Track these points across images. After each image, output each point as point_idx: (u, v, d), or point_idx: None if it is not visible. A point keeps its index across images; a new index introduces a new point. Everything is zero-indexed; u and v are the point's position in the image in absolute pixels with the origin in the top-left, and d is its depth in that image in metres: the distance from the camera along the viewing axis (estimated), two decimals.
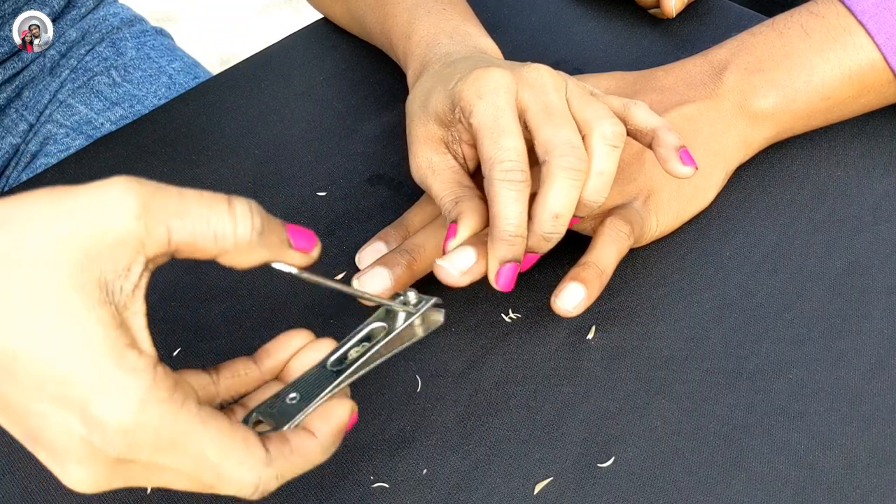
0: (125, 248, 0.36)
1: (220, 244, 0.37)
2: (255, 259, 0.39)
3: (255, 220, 0.38)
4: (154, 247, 0.36)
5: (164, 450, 0.36)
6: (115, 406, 0.35)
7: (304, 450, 0.40)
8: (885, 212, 0.59)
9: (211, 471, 0.37)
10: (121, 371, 0.35)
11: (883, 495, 0.47)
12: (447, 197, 0.52)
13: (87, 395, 0.35)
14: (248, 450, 0.38)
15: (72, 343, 0.35)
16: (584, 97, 0.51)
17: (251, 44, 2.06)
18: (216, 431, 0.37)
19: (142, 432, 0.36)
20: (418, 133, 0.54)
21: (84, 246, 0.35)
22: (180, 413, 0.36)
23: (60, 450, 0.36)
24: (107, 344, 0.35)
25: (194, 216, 0.37)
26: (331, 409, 0.42)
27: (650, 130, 0.52)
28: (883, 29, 0.59)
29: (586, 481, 0.49)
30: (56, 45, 0.86)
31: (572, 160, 0.48)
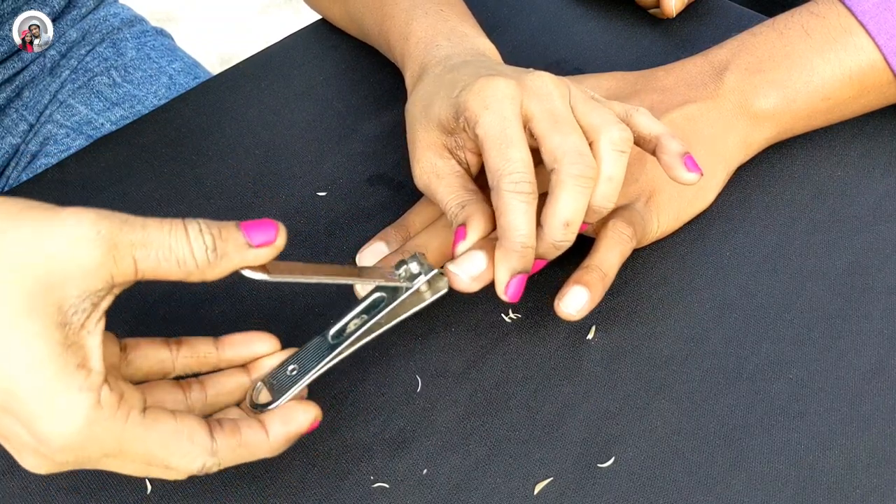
0: (92, 279, 0.38)
1: (184, 268, 0.40)
2: (218, 271, 0.41)
3: (205, 239, 0.40)
4: (122, 277, 0.39)
5: (111, 455, 0.40)
6: (59, 425, 0.38)
7: (252, 445, 0.43)
8: (885, 212, 0.59)
9: (159, 464, 0.41)
10: (68, 391, 0.38)
11: (883, 495, 0.47)
12: (453, 201, 0.52)
13: (34, 413, 0.38)
14: (192, 443, 0.41)
15: (22, 362, 0.37)
16: (589, 103, 0.51)
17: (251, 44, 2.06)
18: (161, 433, 0.40)
19: (88, 446, 0.39)
20: (421, 139, 0.54)
21: (51, 273, 0.38)
22: (126, 425, 0.39)
23: (15, 445, 0.40)
24: (56, 365, 0.38)
25: (157, 245, 0.39)
26: (293, 412, 0.44)
27: (653, 137, 0.52)
28: (883, 29, 0.59)
29: (586, 481, 0.49)
30: (56, 46, 0.86)
31: (582, 168, 0.48)
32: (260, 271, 0.42)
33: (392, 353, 0.54)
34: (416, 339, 0.55)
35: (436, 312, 0.56)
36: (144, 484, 0.49)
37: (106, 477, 0.50)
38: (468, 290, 0.50)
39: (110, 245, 0.38)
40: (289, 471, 0.50)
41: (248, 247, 0.41)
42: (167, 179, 0.65)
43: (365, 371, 0.54)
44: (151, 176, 0.65)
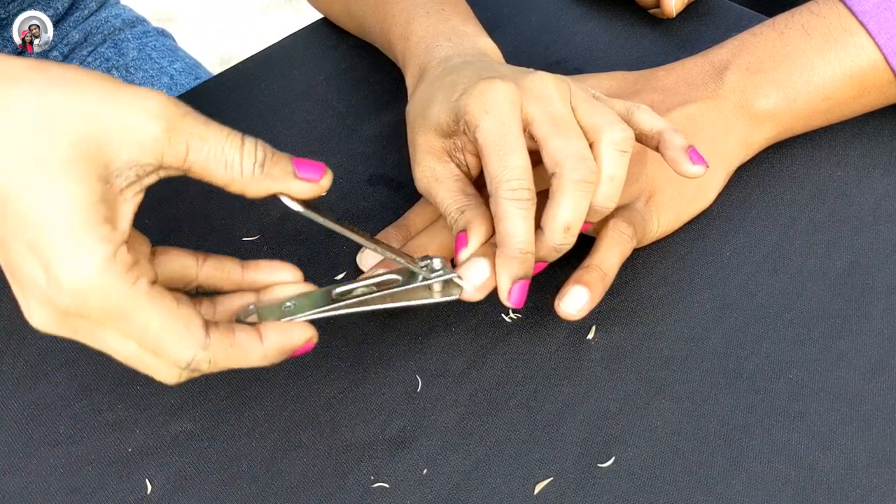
0: (145, 151, 0.40)
1: (230, 173, 0.42)
2: (260, 188, 0.43)
3: (258, 154, 0.42)
4: (171, 158, 0.41)
5: (110, 316, 0.41)
6: (72, 268, 0.39)
7: (245, 347, 0.44)
8: (885, 212, 0.59)
9: (152, 341, 0.42)
10: (88, 237, 0.39)
11: (883, 495, 0.47)
12: (452, 206, 0.52)
13: (53, 250, 0.39)
14: (188, 329, 0.42)
15: (57, 202, 0.39)
16: (590, 103, 0.51)
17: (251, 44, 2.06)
18: (161, 308, 0.41)
19: (92, 297, 0.40)
20: (420, 143, 0.54)
21: (107, 135, 0.39)
22: (131, 288, 0.40)
23: (27, 288, 0.41)
24: (85, 212, 0.39)
25: (212, 143, 0.41)
26: (291, 327, 0.45)
27: (656, 133, 0.52)
28: (884, 29, 0.59)
29: (586, 481, 0.49)
30: (59, 47, 0.86)
31: (583, 172, 0.48)
32: (297, 202, 0.44)
33: (392, 353, 0.54)
34: (416, 339, 0.55)
35: (436, 312, 0.56)
36: (144, 483, 0.49)
37: (106, 477, 0.50)
38: (473, 299, 0.50)
39: (170, 125, 0.40)
40: (289, 471, 0.50)
41: (294, 176, 0.43)
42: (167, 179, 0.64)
43: (365, 371, 0.54)
44: None
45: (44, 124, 0.39)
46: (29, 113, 0.39)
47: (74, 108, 0.39)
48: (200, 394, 0.53)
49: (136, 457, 0.50)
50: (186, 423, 0.52)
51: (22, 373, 0.54)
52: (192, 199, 0.63)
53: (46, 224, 0.39)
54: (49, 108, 0.39)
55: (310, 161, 0.44)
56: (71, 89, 0.40)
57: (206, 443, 0.51)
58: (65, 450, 0.51)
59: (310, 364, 0.53)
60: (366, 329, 0.56)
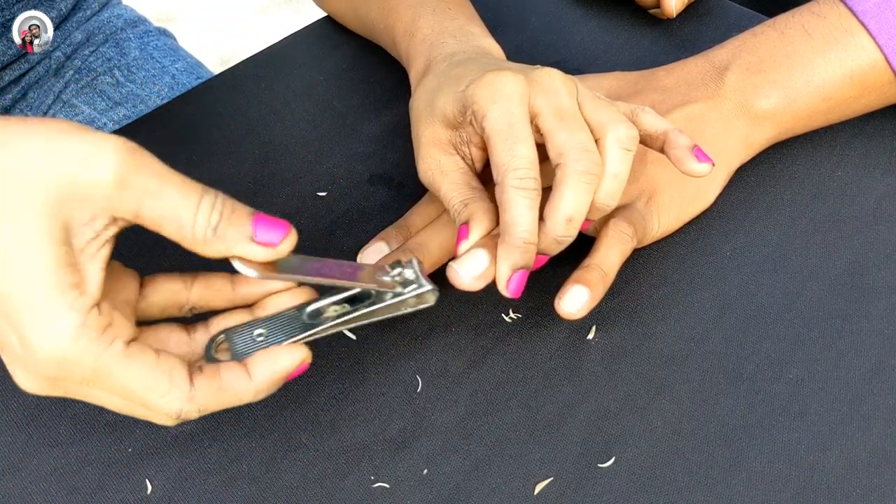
0: (94, 204, 0.39)
1: (181, 233, 0.40)
2: (212, 251, 0.41)
3: (212, 216, 0.40)
4: (121, 213, 0.40)
5: (90, 381, 0.40)
6: (44, 338, 0.39)
7: (234, 388, 0.43)
8: (885, 212, 0.59)
9: (136, 400, 0.41)
10: (59, 306, 0.39)
11: (883, 495, 0.47)
12: (456, 198, 0.52)
13: (24, 321, 0.39)
14: (171, 383, 0.41)
15: (23, 272, 0.38)
16: (596, 101, 0.51)
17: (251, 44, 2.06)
18: (140, 367, 0.41)
19: (68, 363, 0.40)
20: (425, 135, 0.54)
21: (60, 187, 0.38)
22: (106, 352, 0.40)
23: (9, 354, 0.41)
24: (53, 279, 0.39)
25: (166, 200, 0.40)
26: (277, 354, 0.43)
27: (661, 134, 0.52)
28: (884, 29, 0.59)
29: (586, 481, 0.49)
30: (61, 48, 0.86)
31: (587, 164, 0.48)
32: (250, 266, 0.42)
33: (392, 353, 0.54)
34: (416, 339, 0.55)
35: (436, 312, 0.56)
36: (144, 484, 0.49)
37: (106, 477, 0.50)
38: (470, 288, 0.50)
39: (121, 182, 0.39)
40: (289, 471, 0.50)
41: (250, 240, 0.41)
42: None
43: (365, 371, 0.54)
44: None
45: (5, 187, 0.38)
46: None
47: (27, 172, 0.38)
48: None
49: (136, 457, 0.50)
50: (186, 423, 0.52)
51: None
52: None
53: (15, 295, 0.39)
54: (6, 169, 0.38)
55: (273, 220, 0.42)
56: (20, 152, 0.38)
57: (206, 443, 0.51)
58: (64, 450, 0.51)
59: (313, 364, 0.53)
60: (366, 329, 0.56)
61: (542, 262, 0.51)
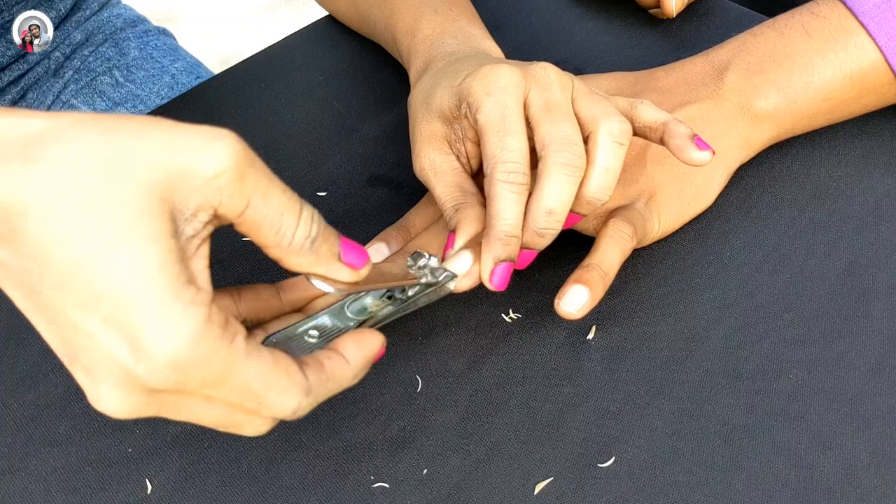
0: (204, 194, 0.36)
1: (278, 238, 0.39)
2: (303, 262, 0.40)
3: (313, 229, 0.39)
4: (228, 210, 0.37)
5: (211, 384, 0.37)
6: (167, 338, 0.35)
7: (337, 376, 0.41)
8: (885, 212, 0.59)
9: (253, 400, 0.38)
10: (179, 303, 0.35)
11: (883, 495, 0.47)
12: (448, 203, 0.52)
13: (142, 321, 0.35)
14: (290, 379, 0.39)
15: (136, 267, 0.34)
16: (591, 95, 0.51)
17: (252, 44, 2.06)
18: (261, 365, 0.38)
19: (191, 368, 0.36)
20: (421, 131, 0.54)
21: (172, 180, 0.35)
22: (230, 349, 0.37)
23: (99, 372, 0.36)
24: (169, 275, 0.35)
25: (273, 204, 0.38)
26: (364, 337, 0.42)
27: (660, 125, 0.52)
28: (884, 30, 0.59)
29: (586, 481, 0.49)
30: (61, 48, 0.86)
31: (568, 156, 0.48)
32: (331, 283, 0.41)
33: (392, 353, 0.54)
34: (416, 339, 0.55)
35: (436, 312, 0.56)
36: (144, 484, 0.49)
37: (106, 477, 0.50)
38: (459, 289, 0.50)
39: (237, 175, 0.37)
40: (289, 471, 0.50)
41: (338, 259, 0.41)
42: None
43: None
44: None
45: (107, 181, 0.35)
46: (89, 170, 0.34)
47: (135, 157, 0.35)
48: None
49: (136, 457, 0.51)
50: (186, 424, 0.52)
51: (22, 373, 0.54)
52: None
53: (127, 294, 0.34)
54: (110, 161, 0.35)
55: (356, 246, 0.41)
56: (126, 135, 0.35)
57: (206, 443, 0.51)
58: (65, 450, 0.51)
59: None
60: None
61: (528, 258, 0.51)
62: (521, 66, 0.51)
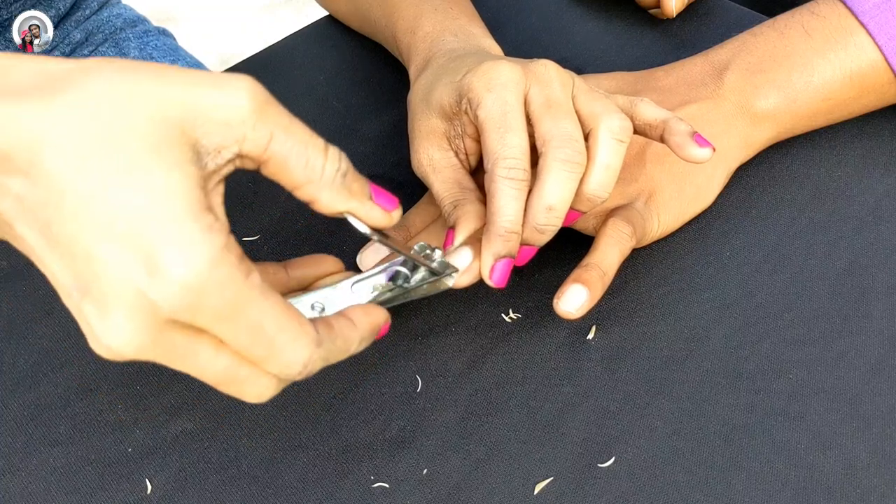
0: (227, 130, 0.36)
1: (308, 172, 0.39)
2: (336, 198, 0.40)
3: (342, 164, 0.39)
4: (252, 143, 0.37)
5: (223, 316, 0.35)
6: (185, 259, 0.34)
7: (346, 336, 0.40)
8: (885, 212, 0.59)
9: (264, 343, 0.37)
10: (197, 226, 0.34)
11: (883, 495, 0.47)
12: (447, 199, 0.52)
13: (159, 240, 0.34)
14: (303, 327, 0.38)
15: (155, 189, 0.34)
16: (591, 93, 0.51)
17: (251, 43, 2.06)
18: (275, 305, 0.37)
19: (206, 292, 0.35)
20: (420, 127, 0.54)
21: (193, 113, 0.36)
22: (246, 281, 0.36)
23: (111, 298, 0.35)
24: (189, 198, 0.35)
25: (296, 137, 0.38)
26: (370, 308, 0.42)
27: (660, 122, 0.52)
28: (884, 30, 0.59)
29: (586, 481, 0.49)
30: (60, 47, 0.86)
31: (569, 152, 0.48)
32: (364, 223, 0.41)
33: (392, 353, 0.54)
34: (416, 339, 0.55)
35: (436, 312, 0.56)
36: (144, 484, 0.49)
37: (106, 477, 0.50)
38: (458, 285, 0.50)
39: (258, 108, 0.37)
40: (289, 471, 0.50)
41: (371, 199, 0.41)
42: None
43: (365, 371, 0.54)
44: None
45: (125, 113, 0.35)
46: (108, 103, 0.34)
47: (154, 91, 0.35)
48: (200, 394, 0.53)
49: (136, 457, 0.51)
50: (186, 423, 0.52)
51: (22, 373, 0.54)
52: None
53: (145, 212, 0.34)
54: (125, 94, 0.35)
55: (384, 191, 0.42)
56: (147, 74, 0.36)
57: (206, 443, 0.51)
58: (65, 450, 0.51)
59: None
60: None
61: (528, 254, 0.51)
62: (521, 63, 0.51)
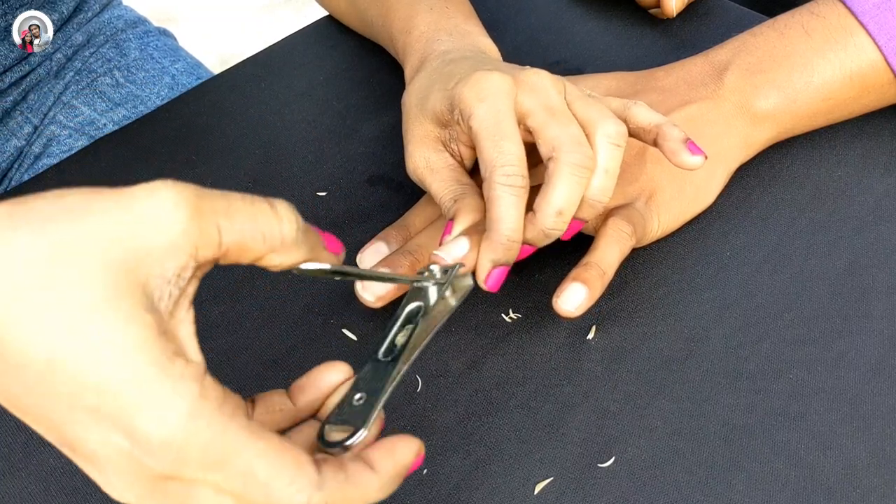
0: (177, 253, 0.34)
1: (269, 243, 0.37)
2: (296, 257, 0.38)
3: (298, 219, 0.38)
4: (206, 250, 0.35)
5: (211, 466, 0.34)
6: (160, 419, 0.33)
7: (360, 482, 0.37)
8: (885, 212, 0.59)
9: (259, 490, 0.35)
10: (167, 380, 0.33)
11: (883, 495, 0.47)
12: (446, 196, 0.52)
13: (130, 406, 0.33)
14: (299, 469, 0.35)
15: (113, 350, 0.33)
16: (585, 99, 0.51)
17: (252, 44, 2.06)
18: (266, 447, 0.35)
19: (189, 447, 0.33)
20: (415, 132, 0.54)
21: (132, 250, 0.33)
22: (229, 426, 0.34)
23: (101, 461, 0.34)
24: (152, 351, 0.33)
25: (242, 215, 0.36)
26: (395, 445, 0.39)
27: (653, 127, 0.52)
28: (884, 30, 0.59)
29: (586, 481, 0.49)
30: (62, 49, 0.86)
31: (580, 157, 0.48)
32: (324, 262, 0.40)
33: None
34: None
35: None
36: None
37: None
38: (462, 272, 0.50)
39: (193, 210, 0.34)
40: None
41: (324, 247, 0.40)
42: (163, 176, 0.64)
43: None
44: (151, 176, 0.64)
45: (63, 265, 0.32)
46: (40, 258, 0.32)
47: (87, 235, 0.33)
48: None
49: None
50: None
51: None
52: None
53: (110, 382, 0.32)
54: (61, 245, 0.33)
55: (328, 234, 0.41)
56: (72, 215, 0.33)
57: None
58: None
59: (311, 364, 0.53)
60: (365, 329, 0.56)
61: (528, 251, 0.51)
62: (511, 72, 0.51)
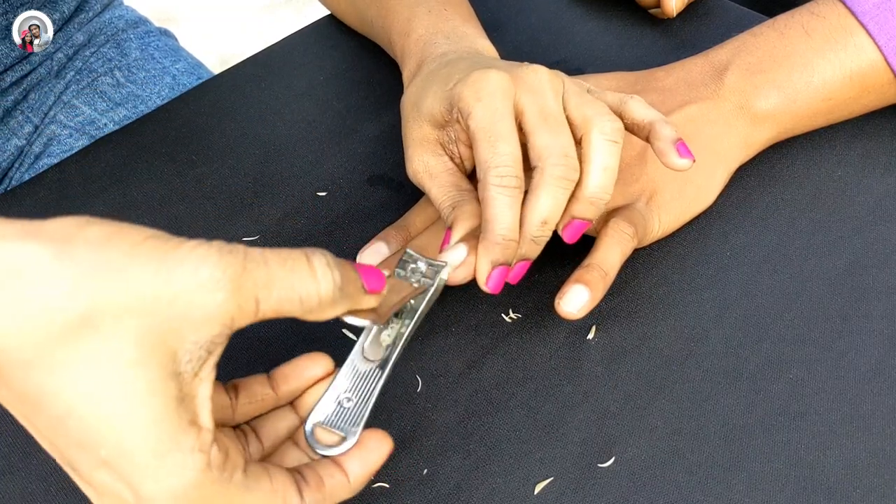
0: (212, 325, 0.35)
1: (305, 306, 0.37)
2: (335, 312, 0.39)
3: (334, 275, 0.38)
4: (241, 320, 0.36)
5: None
6: (167, 488, 0.35)
7: (336, 493, 0.41)
8: (885, 212, 0.59)
9: None
10: (179, 454, 0.35)
11: (883, 495, 0.47)
12: (445, 202, 0.52)
13: (141, 471, 0.35)
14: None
15: (132, 419, 0.34)
16: (582, 96, 0.51)
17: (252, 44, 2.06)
18: (258, 495, 0.38)
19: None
20: (413, 135, 0.54)
21: (169, 319, 0.34)
22: (229, 487, 0.37)
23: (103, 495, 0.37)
24: (169, 423, 0.35)
25: (279, 284, 0.36)
26: (366, 448, 0.42)
27: (647, 124, 0.52)
28: (884, 30, 0.59)
29: (586, 481, 0.49)
30: (63, 49, 0.86)
31: (564, 170, 0.48)
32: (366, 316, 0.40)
33: None
34: (416, 339, 0.55)
35: (436, 312, 0.56)
36: None
37: None
38: (454, 282, 0.50)
39: (235, 287, 0.35)
40: None
41: (364, 291, 0.39)
42: (167, 179, 0.65)
43: None
44: (151, 176, 0.65)
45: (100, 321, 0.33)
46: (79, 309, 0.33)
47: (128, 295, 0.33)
48: None
49: None
50: None
51: None
52: (192, 199, 0.63)
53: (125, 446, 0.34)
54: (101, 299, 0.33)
55: (370, 268, 0.40)
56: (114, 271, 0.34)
57: None
58: None
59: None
60: None
61: (520, 272, 0.51)
62: (510, 70, 0.51)
